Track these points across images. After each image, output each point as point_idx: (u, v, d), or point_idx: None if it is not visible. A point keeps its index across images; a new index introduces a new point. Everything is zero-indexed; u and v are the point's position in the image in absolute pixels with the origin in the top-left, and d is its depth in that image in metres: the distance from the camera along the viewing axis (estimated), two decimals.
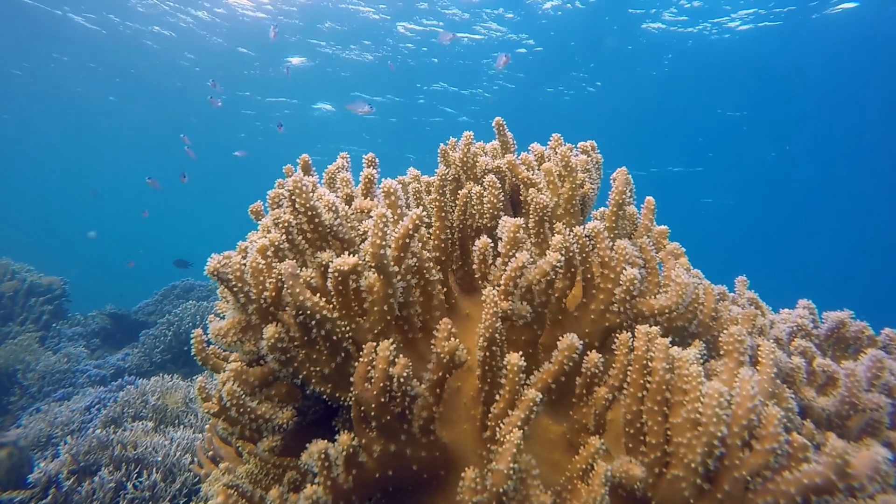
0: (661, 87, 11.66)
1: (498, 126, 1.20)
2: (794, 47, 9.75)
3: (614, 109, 12.73)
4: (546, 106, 12.79)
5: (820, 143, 13.39)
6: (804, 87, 10.99)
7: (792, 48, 9.78)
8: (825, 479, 0.66)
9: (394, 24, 9.93)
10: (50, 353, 4.40)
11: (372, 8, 9.45)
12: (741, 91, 11.47)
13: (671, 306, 0.88)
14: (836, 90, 10.90)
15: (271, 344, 0.77)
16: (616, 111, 12.82)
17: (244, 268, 0.81)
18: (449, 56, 10.77)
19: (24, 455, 2.42)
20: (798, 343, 1.01)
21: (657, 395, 0.73)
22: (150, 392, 2.95)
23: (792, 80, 10.87)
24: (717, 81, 11.19)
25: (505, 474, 0.66)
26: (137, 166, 21.07)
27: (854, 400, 0.93)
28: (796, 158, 14.55)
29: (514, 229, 0.88)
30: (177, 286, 5.91)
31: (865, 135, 12.54)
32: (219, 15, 9.80)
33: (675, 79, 11.31)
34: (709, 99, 11.94)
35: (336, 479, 0.74)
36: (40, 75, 12.31)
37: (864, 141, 12.88)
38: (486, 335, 0.76)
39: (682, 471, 0.71)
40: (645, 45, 10.28)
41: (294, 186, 0.83)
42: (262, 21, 9.96)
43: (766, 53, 10.05)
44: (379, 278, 0.79)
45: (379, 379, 0.72)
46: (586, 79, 11.61)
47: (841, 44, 9.34)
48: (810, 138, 13.10)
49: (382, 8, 9.43)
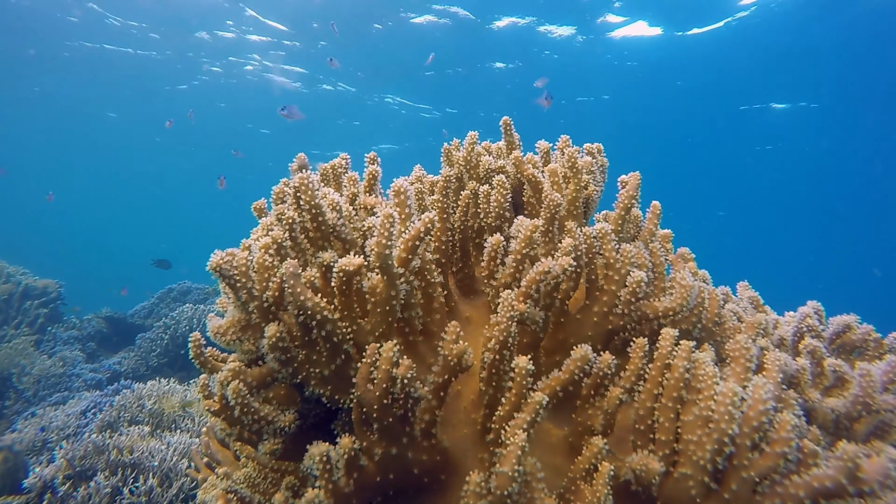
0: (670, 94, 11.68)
1: (505, 125, 1.20)
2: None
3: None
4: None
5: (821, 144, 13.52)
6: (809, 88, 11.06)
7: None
8: (835, 483, 0.66)
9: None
10: (45, 357, 4.37)
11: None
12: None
13: (675, 308, 0.87)
14: (842, 90, 10.96)
15: (272, 343, 0.75)
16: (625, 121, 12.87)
17: (250, 264, 0.79)
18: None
19: (19, 460, 2.40)
20: (808, 342, 1.00)
21: (674, 391, 0.74)
22: (146, 396, 2.93)
23: (793, 82, 10.95)
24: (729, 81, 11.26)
25: (509, 476, 0.65)
26: (137, 166, 21.13)
27: (868, 400, 0.92)
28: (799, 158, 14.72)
29: (531, 229, 0.87)
30: (173, 289, 5.89)
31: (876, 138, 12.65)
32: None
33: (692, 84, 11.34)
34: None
35: (337, 483, 0.73)
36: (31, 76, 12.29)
37: (866, 142, 12.99)
38: (500, 338, 0.75)
39: (690, 468, 0.71)
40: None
41: (300, 183, 0.82)
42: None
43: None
44: (382, 280, 0.78)
45: (382, 380, 0.71)
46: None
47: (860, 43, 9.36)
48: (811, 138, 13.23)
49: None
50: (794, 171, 15.24)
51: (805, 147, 13.51)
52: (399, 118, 13.83)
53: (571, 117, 12.71)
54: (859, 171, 14.62)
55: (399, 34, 9.83)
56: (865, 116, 11.52)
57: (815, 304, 1.15)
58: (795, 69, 10.09)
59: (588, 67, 10.45)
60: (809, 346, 0.99)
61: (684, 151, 15.10)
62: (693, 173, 17.00)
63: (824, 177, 15.58)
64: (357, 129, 14.77)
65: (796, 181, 16.15)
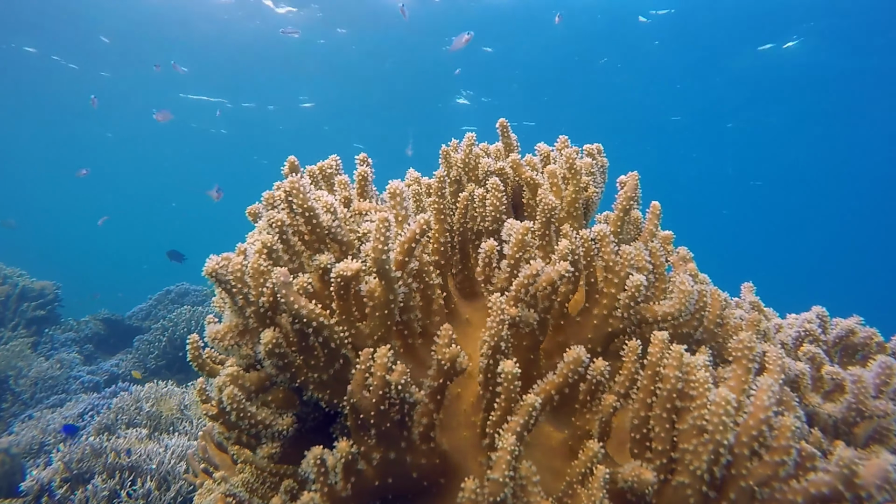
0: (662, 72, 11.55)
1: (502, 127, 1.19)
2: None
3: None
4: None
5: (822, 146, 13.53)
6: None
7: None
8: (832, 490, 0.65)
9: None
10: (42, 359, 4.35)
11: None
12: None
13: (674, 313, 0.87)
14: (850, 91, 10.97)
15: (269, 349, 0.75)
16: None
17: (244, 269, 0.79)
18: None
19: (16, 462, 2.39)
20: (807, 348, 1.00)
21: (667, 402, 0.72)
22: (144, 399, 2.92)
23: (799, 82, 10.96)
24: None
25: (501, 482, 0.65)
26: (134, 166, 21.07)
27: (861, 406, 0.92)
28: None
29: (523, 232, 0.86)
30: (171, 291, 5.88)
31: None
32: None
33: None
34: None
35: (334, 487, 0.73)
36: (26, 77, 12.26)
37: (867, 144, 13.01)
38: (492, 342, 0.74)
39: (687, 478, 0.70)
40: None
41: (291, 187, 0.81)
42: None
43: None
44: (380, 283, 0.77)
45: (378, 386, 0.71)
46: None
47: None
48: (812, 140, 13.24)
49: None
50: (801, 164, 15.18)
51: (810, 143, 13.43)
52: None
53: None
54: (869, 169, 14.63)
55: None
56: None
57: (819, 310, 1.14)
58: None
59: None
60: (809, 352, 0.99)
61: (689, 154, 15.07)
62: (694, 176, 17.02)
63: (828, 177, 15.59)
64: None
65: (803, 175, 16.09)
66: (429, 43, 10.33)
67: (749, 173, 16.55)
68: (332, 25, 10.12)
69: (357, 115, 13.81)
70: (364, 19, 9.75)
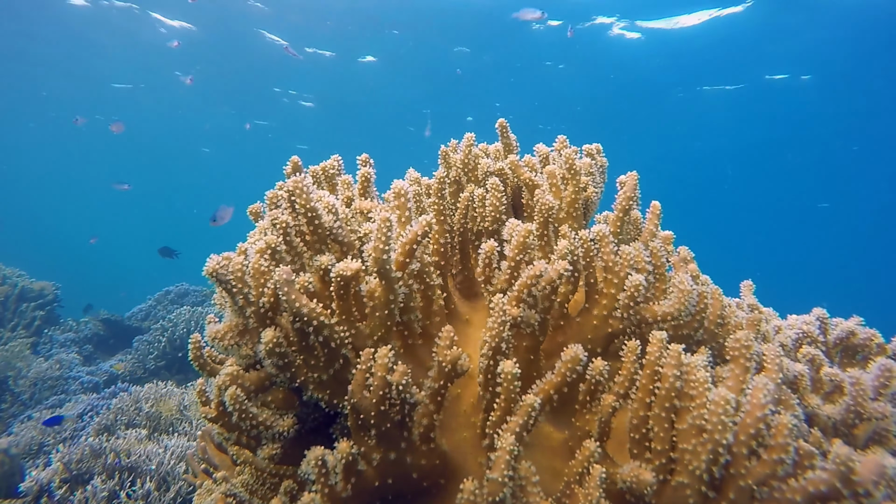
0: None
1: (501, 128, 1.19)
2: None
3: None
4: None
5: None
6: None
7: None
8: (830, 487, 0.65)
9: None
10: (42, 360, 4.35)
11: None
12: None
13: (673, 313, 0.87)
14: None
15: (269, 349, 0.75)
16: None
17: (245, 269, 0.79)
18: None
19: (16, 463, 2.39)
20: (806, 350, 1.00)
21: (665, 401, 0.72)
22: (143, 399, 2.92)
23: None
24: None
25: (500, 483, 0.65)
26: (133, 166, 21.07)
27: (859, 408, 0.92)
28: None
29: (525, 234, 0.86)
30: (171, 291, 5.87)
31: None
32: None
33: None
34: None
35: (334, 488, 0.73)
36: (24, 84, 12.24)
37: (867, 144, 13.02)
38: (493, 343, 0.74)
39: (686, 478, 0.70)
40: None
41: (294, 187, 0.81)
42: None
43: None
44: (381, 284, 0.77)
45: (378, 387, 0.71)
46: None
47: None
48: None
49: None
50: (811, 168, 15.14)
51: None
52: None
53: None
54: (869, 170, 14.63)
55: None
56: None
57: (819, 311, 1.14)
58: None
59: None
60: (808, 354, 0.99)
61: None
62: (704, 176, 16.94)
63: (832, 175, 15.58)
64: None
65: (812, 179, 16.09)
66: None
67: (749, 173, 16.56)
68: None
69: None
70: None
